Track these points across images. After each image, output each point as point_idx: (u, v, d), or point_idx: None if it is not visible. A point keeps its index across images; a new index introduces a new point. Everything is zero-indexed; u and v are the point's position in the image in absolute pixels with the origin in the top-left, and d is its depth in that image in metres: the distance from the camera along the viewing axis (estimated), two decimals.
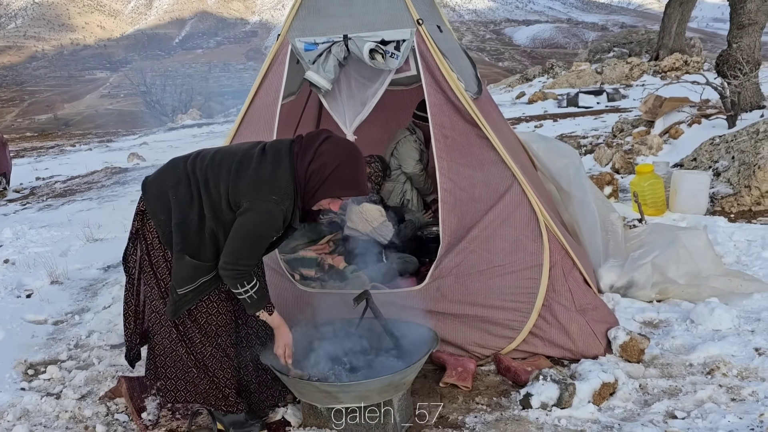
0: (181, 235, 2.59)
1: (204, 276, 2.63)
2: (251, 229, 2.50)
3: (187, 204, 2.59)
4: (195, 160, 2.66)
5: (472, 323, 3.32)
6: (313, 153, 2.55)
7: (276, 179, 2.51)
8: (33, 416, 3.18)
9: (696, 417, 2.68)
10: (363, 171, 2.64)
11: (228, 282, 2.58)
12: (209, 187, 2.57)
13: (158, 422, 3.03)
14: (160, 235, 2.66)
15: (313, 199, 2.60)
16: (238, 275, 2.54)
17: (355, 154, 2.62)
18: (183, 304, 2.66)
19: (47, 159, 15.89)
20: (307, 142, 2.60)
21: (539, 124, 11.70)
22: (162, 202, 2.64)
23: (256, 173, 2.53)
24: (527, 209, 3.37)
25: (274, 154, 2.58)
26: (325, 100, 3.62)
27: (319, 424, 2.81)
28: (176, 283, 2.63)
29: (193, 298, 2.66)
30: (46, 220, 8.21)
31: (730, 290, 3.80)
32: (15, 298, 4.99)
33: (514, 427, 2.73)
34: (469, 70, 3.99)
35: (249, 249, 2.53)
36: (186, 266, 2.59)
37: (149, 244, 2.72)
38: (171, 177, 2.66)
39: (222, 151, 2.69)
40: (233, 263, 2.52)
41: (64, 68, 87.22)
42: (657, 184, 5.48)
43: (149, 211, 2.67)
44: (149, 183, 2.71)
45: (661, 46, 17.72)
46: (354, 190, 2.62)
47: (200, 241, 2.59)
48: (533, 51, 78.15)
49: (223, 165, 2.59)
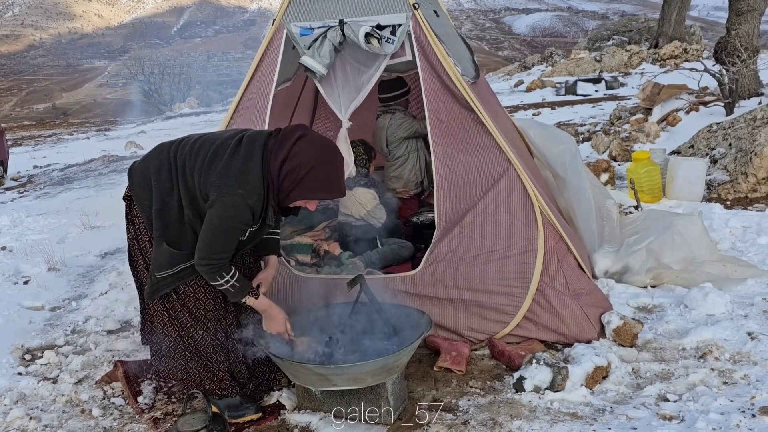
0: (161, 222, 2.59)
1: (182, 263, 2.63)
2: (218, 224, 2.47)
3: (167, 191, 2.58)
4: (178, 147, 2.65)
5: (467, 308, 3.33)
6: (287, 152, 2.49)
7: (245, 172, 2.46)
8: (30, 400, 3.20)
9: (688, 400, 2.70)
10: (340, 172, 2.57)
11: (206, 276, 2.56)
12: (186, 175, 2.56)
13: (154, 406, 3.05)
14: (145, 220, 2.67)
15: (288, 199, 2.56)
16: (214, 269, 2.53)
17: (330, 155, 2.54)
18: (161, 288, 2.67)
19: (45, 147, 15.88)
20: (282, 138, 2.53)
21: (537, 112, 11.68)
22: (145, 187, 2.63)
23: (226, 164, 2.48)
24: (522, 194, 3.37)
25: (247, 146, 2.52)
26: (320, 86, 3.61)
27: (313, 407, 2.83)
28: (155, 267, 2.64)
29: (171, 282, 2.67)
30: (43, 207, 8.21)
31: (725, 276, 3.81)
32: (12, 284, 5.00)
33: (507, 410, 2.75)
34: (466, 55, 3.98)
35: (220, 243, 2.50)
36: (164, 253, 2.60)
37: (136, 229, 2.73)
38: (155, 163, 2.65)
39: (203, 138, 2.66)
40: (207, 257, 2.51)
41: (62, 57, 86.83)
42: (653, 171, 5.48)
43: (134, 196, 2.68)
44: (135, 168, 2.72)
45: (660, 34, 17.65)
46: (329, 192, 2.57)
47: (180, 228, 2.59)
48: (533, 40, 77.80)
49: (200, 153, 2.56)
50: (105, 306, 4.39)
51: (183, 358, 2.77)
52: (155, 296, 2.69)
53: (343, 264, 3.97)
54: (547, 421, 2.63)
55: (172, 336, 2.75)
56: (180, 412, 2.80)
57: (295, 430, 2.75)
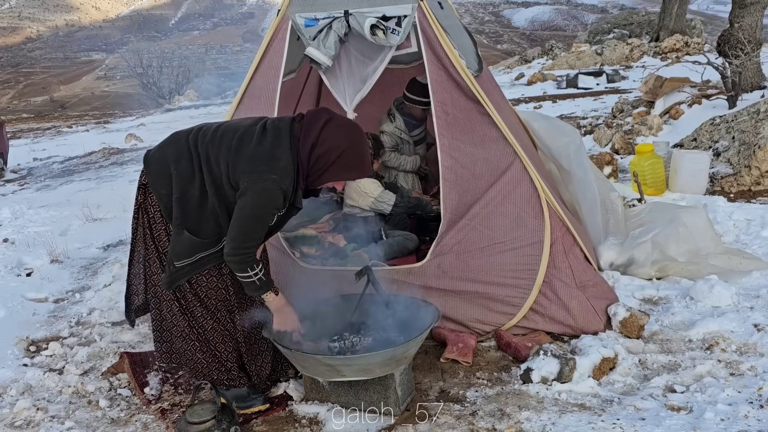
0: (181, 209, 2.59)
1: (201, 252, 2.63)
2: (251, 211, 2.49)
3: (187, 179, 2.58)
4: (197, 135, 2.65)
5: (473, 300, 3.33)
6: (317, 136, 2.53)
7: (276, 158, 2.49)
8: (36, 391, 3.20)
9: (695, 391, 2.71)
10: (367, 152, 2.66)
11: (236, 267, 2.56)
12: (210, 164, 2.56)
13: (161, 397, 3.06)
14: (162, 209, 2.66)
15: (319, 180, 2.61)
16: (247, 258, 2.53)
17: (358, 136, 2.61)
18: (179, 277, 2.67)
19: (44, 140, 15.85)
20: (309, 123, 2.57)
21: (538, 105, 11.65)
22: (163, 176, 2.63)
23: (255, 151, 2.51)
24: (528, 186, 3.37)
25: (274, 132, 2.55)
26: (325, 77, 3.60)
27: (321, 398, 2.84)
28: (174, 256, 2.63)
29: (189, 271, 2.67)
30: (44, 200, 8.20)
31: (730, 268, 3.81)
32: (15, 276, 5.00)
33: (515, 401, 2.75)
34: (470, 47, 3.96)
35: (253, 230, 2.52)
36: (184, 241, 2.60)
37: (151, 218, 2.71)
38: (172, 151, 2.64)
39: (223, 126, 2.67)
40: (241, 246, 2.51)
41: (60, 50, 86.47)
42: (657, 164, 5.47)
43: (150, 184, 2.66)
44: (151, 156, 2.70)
45: (661, 27, 17.62)
46: (359, 172, 2.65)
47: (200, 217, 2.59)
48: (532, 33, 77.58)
49: (224, 141, 2.57)
50: (109, 298, 4.39)
51: (192, 347, 2.77)
52: (173, 285, 2.69)
53: (348, 256, 3.97)
54: (555, 411, 2.64)
55: (182, 325, 2.75)
56: (188, 403, 2.81)
57: (302, 420, 2.75)
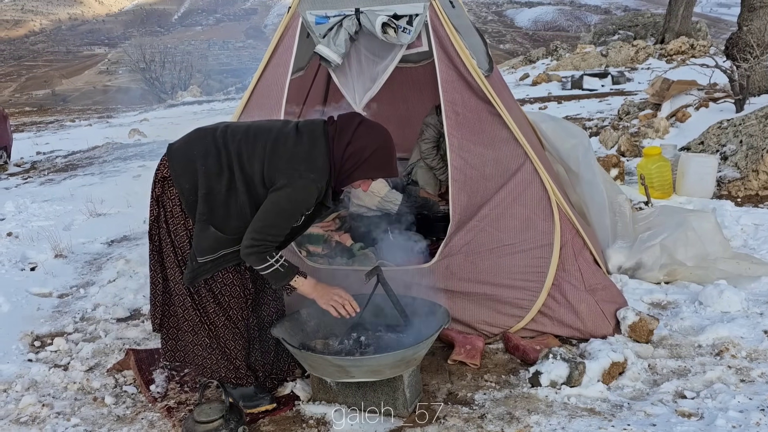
0: (208, 206, 2.59)
1: (225, 248, 2.63)
2: (285, 204, 2.51)
3: (215, 175, 2.58)
4: (225, 133, 2.65)
5: (481, 301, 3.31)
6: (351, 135, 2.59)
7: (313, 158, 2.54)
8: (41, 387, 3.18)
9: (706, 397, 2.69)
10: (395, 153, 2.71)
11: (255, 258, 2.55)
12: (242, 161, 2.57)
13: (167, 395, 3.04)
14: (183, 203, 2.64)
15: (349, 179, 2.65)
16: (266, 248, 2.54)
17: (388, 138, 2.68)
18: (201, 273, 2.66)
19: (47, 134, 15.82)
20: (343, 124, 2.63)
21: (543, 106, 11.63)
22: (188, 171, 2.62)
23: (293, 152, 2.55)
24: (539, 188, 3.34)
25: (309, 134, 2.60)
26: (334, 75, 3.57)
27: (328, 398, 2.82)
28: (197, 251, 2.62)
29: (211, 268, 2.66)
30: (48, 194, 8.18)
31: (738, 273, 3.79)
32: (19, 271, 4.98)
33: (524, 404, 2.74)
34: (481, 47, 3.94)
35: (280, 223, 2.54)
36: (209, 237, 2.59)
37: (169, 212, 2.69)
38: (200, 147, 2.63)
39: (254, 126, 2.69)
40: (260, 239, 2.52)
41: (62, 43, 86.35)
42: (664, 167, 5.46)
43: (174, 178, 2.64)
44: (175, 150, 2.68)
45: (667, 30, 17.59)
46: (388, 171, 2.69)
47: (226, 213, 2.59)
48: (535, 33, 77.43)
49: (258, 140, 2.59)
50: (114, 294, 4.37)
51: (202, 344, 2.76)
52: (195, 281, 2.67)
53: (355, 255, 3.95)
54: (565, 416, 2.62)
55: (194, 321, 2.73)
56: (195, 402, 2.79)
57: (310, 421, 2.73)
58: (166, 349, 2.89)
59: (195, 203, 2.60)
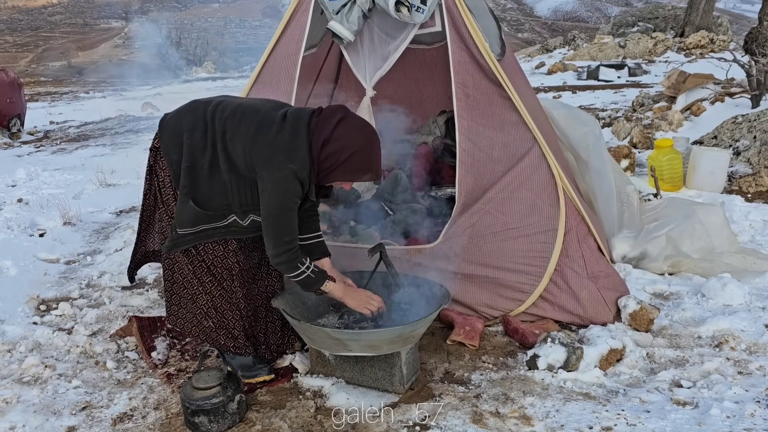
0: (190, 179, 2.58)
1: (204, 224, 2.63)
2: (277, 203, 2.48)
3: (200, 150, 2.57)
4: (216, 108, 2.62)
5: (483, 284, 3.32)
6: (329, 134, 2.49)
7: (293, 149, 2.47)
8: (45, 349, 3.23)
9: (702, 387, 2.69)
10: (378, 156, 2.58)
11: (286, 268, 2.57)
12: (225, 140, 2.54)
13: (167, 362, 3.08)
14: (171, 174, 2.66)
15: (327, 178, 2.57)
16: (292, 255, 2.53)
17: (371, 139, 2.56)
18: (180, 244, 2.69)
19: (61, 104, 15.89)
20: (324, 119, 2.53)
21: (558, 95, 11.54)
22: (176, 142, 2.62)
23: (274, 139, 2.49)
24: (546, 173, 3.33)
25: (293, 123, 2.52)
26: (346, 52, 3.56)
27: (326, 372, 2.85)
28: (177, 223, 2.64)
29: (191, 240, 2.68)
30: (59, 163, 8.24)
31: (744, 267, 3.77)
32: (28, 236, 5.04)
33: (520, 386, 2.75)
34: (494, 30, 3.90)
35: (285, 222, 2.51)
36: (189, 210, 2.60)
37: (161, 181, 2.72)
38: (189, 119, 2.63)
39: (244, 105, 2.63)
40: (280, 243, 2.51)
41: (80, 15, 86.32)
42: (675, 160, 5.41)
43: (163, 149, 2.66)
44: (167, 122, 2.69)
45: (687, 23, 17.33)
46: (369, 175, 2.58)
47: (209, 189, 2.58)
48: (554, 23, 76.49)
49: (243, 122, 2.54)
50: (119, 262, 4.42)
51: (200, 312, 2.79)
52: (174, 251, 2.70)
53: (358, 234, 3.96)
54: (560, 399, 2.63)
55: (193, 288, 2.76)
56: (194, 369, 2.82)
57: (307, 393, 2.77)
58: (171, 313, 2.93)
59: (180, 176, 2.61)
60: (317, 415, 2.59)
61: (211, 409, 2.47)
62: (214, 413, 2.48)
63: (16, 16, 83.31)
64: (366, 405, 2.64)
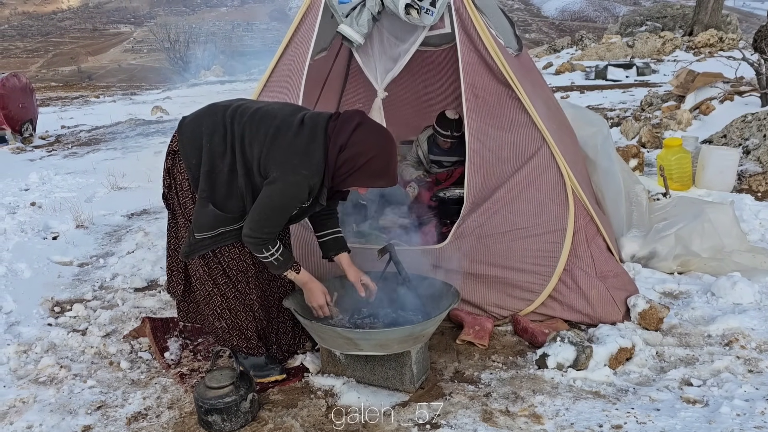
0: (209, 183, 2.61)
1: (223, 226, 2.66)
2: (277, 200, 2.51)
3: (219, 155, 2.60)
4: (235, 112, 2.65)
5: (492, 284, 3.34)
6: (346, 139, 2.51)
7: (309, 154, 2.50)
8: (60, 350, 3.28)
9: (712, 386, 2.69)
10: (395, 162, 2.60)
11: (252, 249, 2.62)
12: (244, 145, 2.57)
13: (180, 362, 3.12)
14: (190, 178, 2.68)
15: (344, 183, 2.60)
16: (262, 242, 2.57)
17: (388, 145, 2.58)
18: (198, 249, 2.71)
19: (72, 109, 16.04)
20: (342, 124, 2.55)
21: (566, 96, 11.52)
22: (195, 147, 2.65)
23: (290, 144, 2.51)
24: (555, 172, 3.34)
25: (311, 128, 2.55)
26: (357, 55, 3.59)
27: (337, 371, 2.87)
28: (196, 227, 2.66)
29: (209, 244, 2.70)
30: (71, 167, 8.33)
31: (754, 266, 3.77)
32: (41, 239, 5.10)
33: (530, 385, 2.77)
34: (508, 27, 3.92)
35: (275, 219, 2.55)
36: (209, 214, 2.62)
37: (179, 185, 2.74)
38: (208, 123, 2.65)
39: (263, 109, 2.65)
40: (258, 231, 2.55)
41: (89, 21, 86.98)
42: (684, 158, 5.40)
43: (182, 152, 2.68)
44: (186, 125, 2.71)
45: (696, 22, 17.24)
46: (385, 181, 2.60)
47: (227, 192, 2.61)
48: (561, 23, 76.26)
49: (261, 126, 2.57)
50: (132, 264, 4.47)
51: (214, 313, 2.82)
52: (191, 256, 2.73)
53: (366, 235, 3.99)
54: (570, 398, 2.65)
55: (207, 289, 2.80)
56: (207, 369, 2.86)
57: (318, 392, 2.79)
58: (184, 310, 2.96)
59: (199, 179, 2.63)
60: (328, 413, 2.62)
61: (224, 407, 2.51)
62: (227, 412, 2.51)
63: (27, 22, 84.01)
64: (377, 404, 2.66)
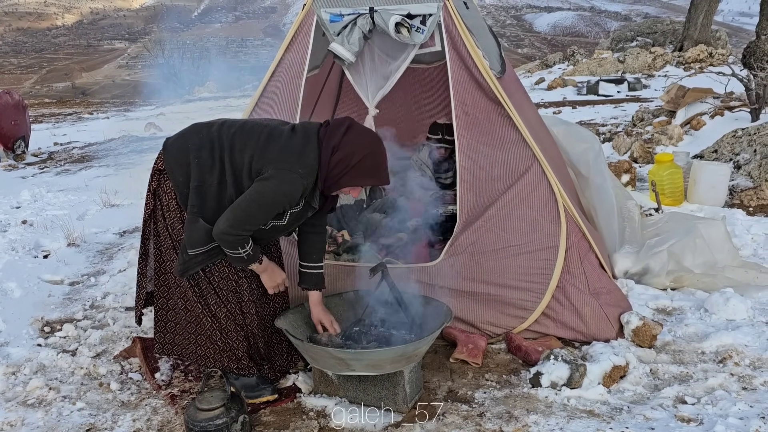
0: (199, 198, 2.61)
1: (215, 241, 2.65)
2: (269, 197, 2.52)
3: (207, 168, 2.61)
4: (221, 127, 2.69)
5: (485, 301, 3.33)
6: (338, 141, 2.58)
7: (304, 155, 2.56)
8: (49, 371, 3.24)
9: (706, 403, 2.68)
10: (385, 161, 2.68)
11: (227, 246, 2.59)
12: (234, 153, 2.59)
13: (171, 383, 3.09)
14: (178, 196, 2.69)
15: (336, 185, 2.64)
16: (240, 239, 2.57)
17: (378, 145, 2.66)
18: (192, 266, 2.70)
19: (65, 125, 16.00)
20: (333, 128, 2.63)
21: (558, 111, 11.60)
22: (182, 164, 2.66)
23: (285, 145, 2.58)
24: (546, 190, 3.35)
25: (304, 133, 2.63)
26: (348, 73, 3.61)
27: (329, 391, 2.85)
28: (188, 244, 2.66)
29: (203, 260, 2.69)
30: (63, 184, 8.29)
31: (746, 282, 3.77)
32: (32, 258, 5.06)
33: (524, 404, 2.75)
34: (494, 48, 3.95)
35: (259, 216, 2.54)
36: (200, 229, 2.62)
37: (165, 205, 2.74)
38: (194, 140, 2.67)
39: (251, 122, 2.74)
40: (239, 228, 2.53)
41: (84, 37, 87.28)
42: (676, 174, 5.43)
43: (168, 171, 2.69)
44: (171, 144, 2.73)
45: (686, 37, 17.44)
46: (377, 179, 2.67)
47: (218, 207, 2.62)
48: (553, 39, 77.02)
49: (252, 134, 2.63)
50: (123, 283, 4.43)
51: (204, 334, 2.80)
52: (186, 274, 2.71)
53: (360, 252, 3.97)
54: (564, 417, 2.63)
55: (196, 312, 2.78)
56: (198, 390, 2.82)
57: (310, 413, 2.76)
58: (162, 342, 2.93)
59: (188, 196, 2.64)
60: None
61: (215, 430, 2.48)
62: None
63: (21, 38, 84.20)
64: (369, 425, 2.63)
